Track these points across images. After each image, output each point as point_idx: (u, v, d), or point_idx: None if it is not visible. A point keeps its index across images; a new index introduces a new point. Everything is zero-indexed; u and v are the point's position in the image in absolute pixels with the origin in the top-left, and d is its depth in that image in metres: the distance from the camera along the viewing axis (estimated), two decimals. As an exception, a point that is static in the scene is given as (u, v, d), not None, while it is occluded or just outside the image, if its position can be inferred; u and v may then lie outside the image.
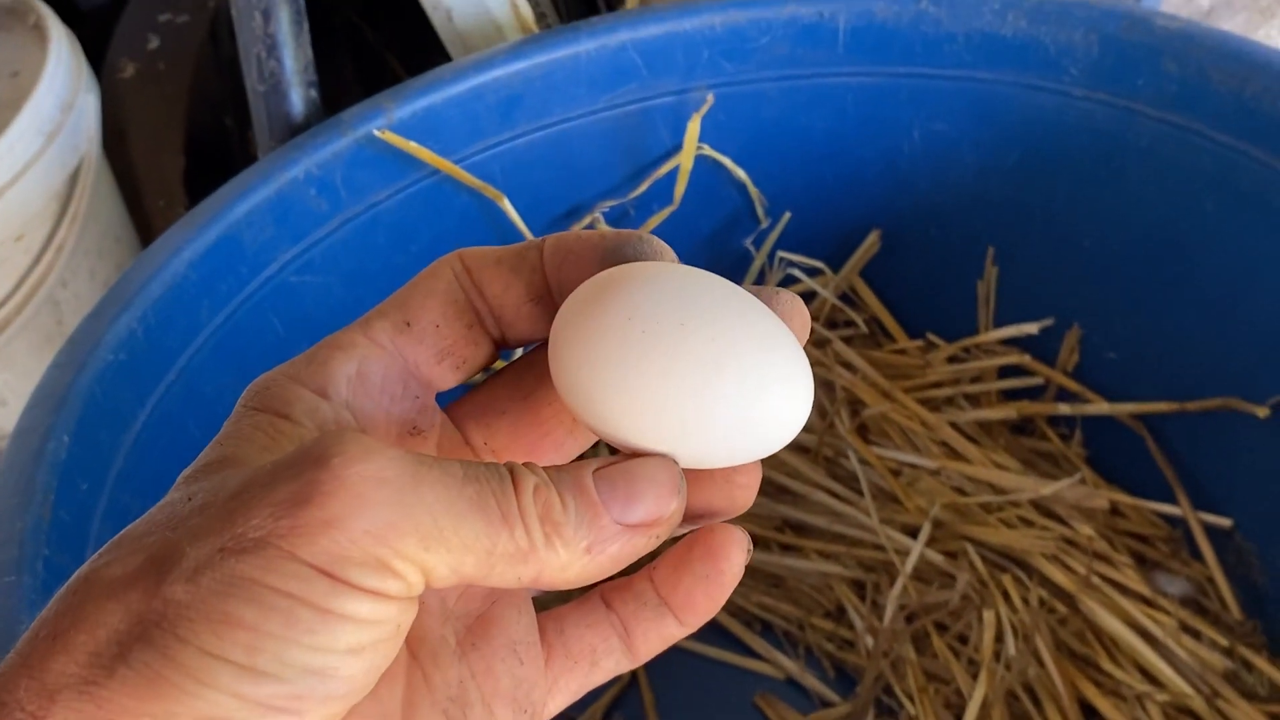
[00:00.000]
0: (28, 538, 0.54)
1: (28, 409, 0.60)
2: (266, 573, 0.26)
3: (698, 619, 0.32)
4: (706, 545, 0.31)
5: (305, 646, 0.26)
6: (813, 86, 0.80)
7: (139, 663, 0.25)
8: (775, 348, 0.30)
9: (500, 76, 0.76)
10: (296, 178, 0.72)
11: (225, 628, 0.25)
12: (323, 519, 0.26)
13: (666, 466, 0.29)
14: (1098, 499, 0.82)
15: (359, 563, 0.26)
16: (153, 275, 0.65)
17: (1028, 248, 0.83)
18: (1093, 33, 0.74)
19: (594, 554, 0.28)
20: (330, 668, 0.26)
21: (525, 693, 0.31)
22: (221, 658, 0.25)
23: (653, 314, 0.29)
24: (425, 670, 0.30)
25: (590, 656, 0.33)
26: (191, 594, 0.26)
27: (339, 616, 0.26)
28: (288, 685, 0.26)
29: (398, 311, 0.32)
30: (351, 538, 0.26)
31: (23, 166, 0.82)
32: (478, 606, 0.32)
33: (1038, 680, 0.76)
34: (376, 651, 0.27)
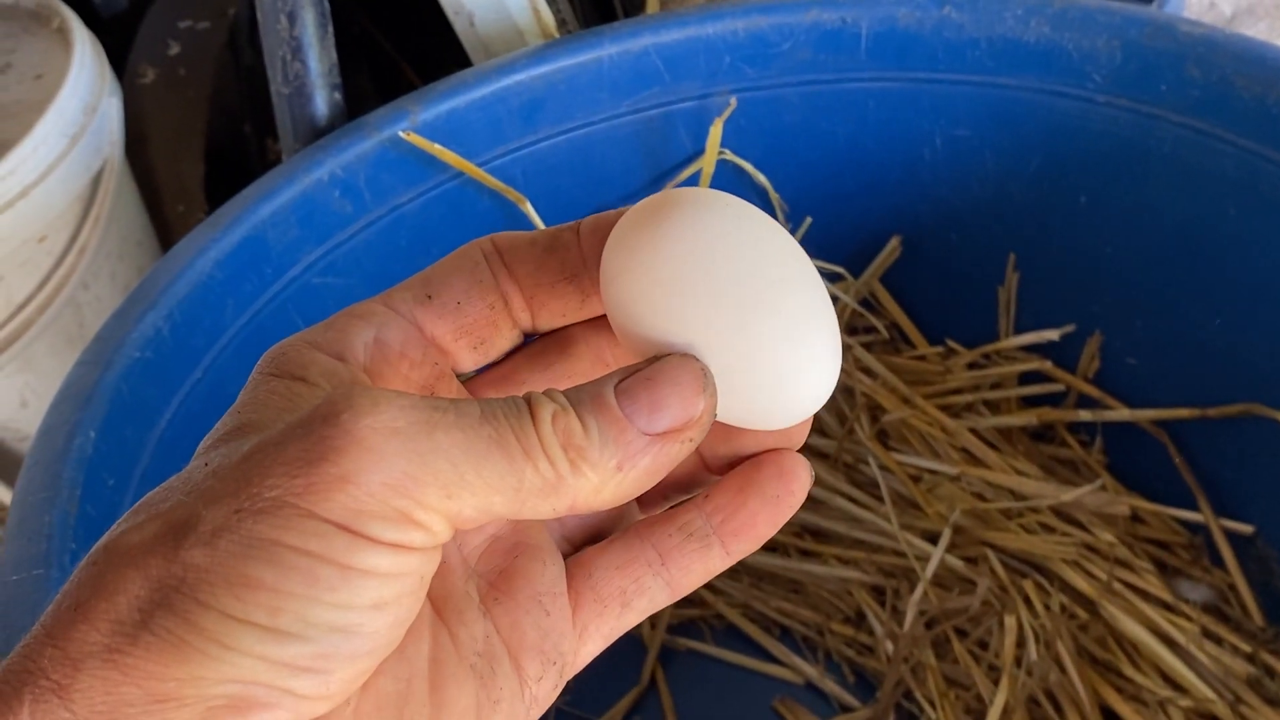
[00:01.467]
0: (55, 532, 0.54)
1: (54, 405, 0.60)
2: (285, 532, 0.25)
3: (749, 546, 0.32)
4: (777, 466, 0.31)
5: (328, 604, 0.25)
6: (834, 92, 0.80)
7: (161, 629, 0.25)
8: (821, 311, 0.30)
9: (523, 80, 0.77)
10: (321, 179, 0.72)
11: (246, 590, 0.25)
12: (337, 475, 0.26)
13: (688, 364, 0.29)
14: (1119, 505, 0.82)
15: (378, 516, 0.26)
16: (179, 274, 0.65)
17: (1049, 254, 0.83)
18: (1115, 39, 0.74)
19: (626, 470, 0.28)
20: (354, 624, 0.26)
21: (553, 644, 0.31)
22: (244, 620, 0.25)
23: (709, 247, 0.29)
24: (451, 627, 0.30)
25: (620, 599, 0.32)
26: (210, 557, 0.25)
27: (360, 572, 0.26)
28: (312, 645, 0.25)
29: (421, 285, 0.32)
30: (369, 491, 0.26)
31: (47, 168, 0.82)
32: (501, 561, 0.32)
33: (1059, 686, 0.76)
34: (400, 605, 0.27)
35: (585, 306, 0.32)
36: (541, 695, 0.31)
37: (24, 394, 0.86)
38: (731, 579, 0.87)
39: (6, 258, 0.81)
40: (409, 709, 0.29)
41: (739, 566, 0.87)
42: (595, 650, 0.32)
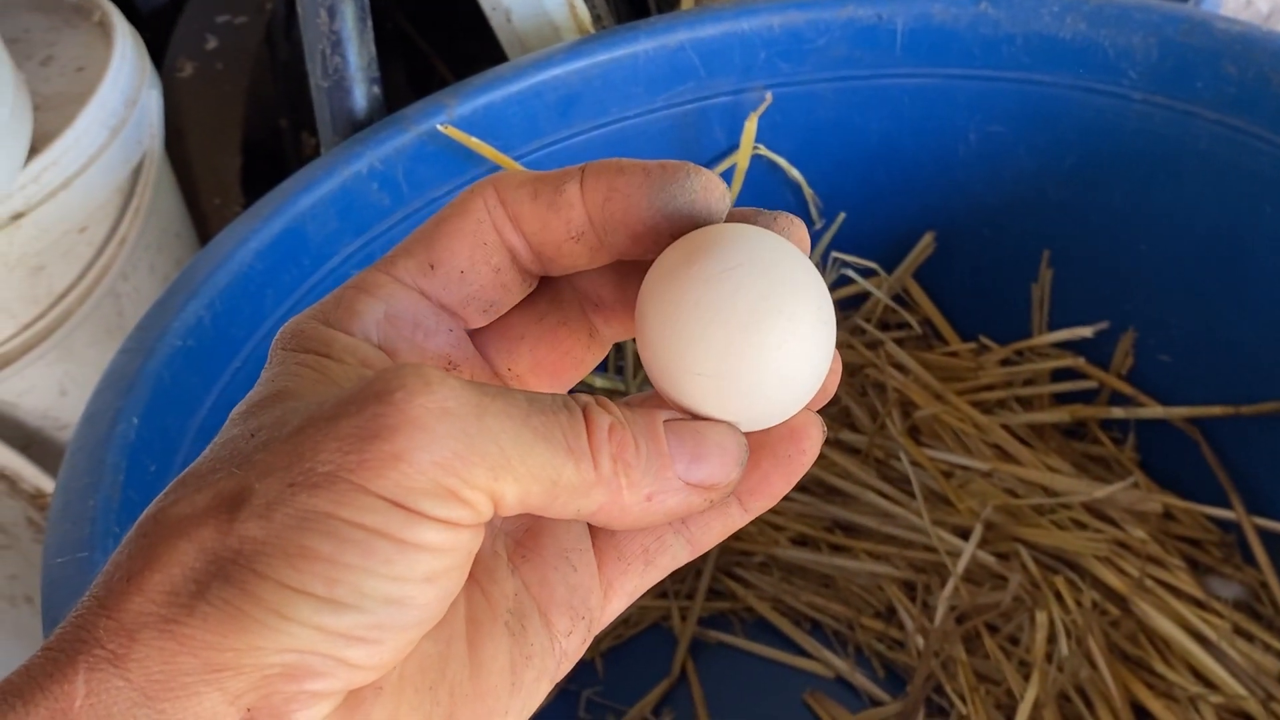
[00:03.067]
0: (99, 515, 0.55)
1: (98, 392, 0.61)
2: (340, 506, 0.26)
3: (765, 503, 0.32)
4: (788, 425, 0.31)
5: (383, 576, 0.26)
6: (869, 88, 0.81)
7: (218, 599, 0.25)
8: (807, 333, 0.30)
9: (559, 75, 0.77)
10: (359, 172, 0.72)
11: (303, 561, 0.25)
12: (390, 453, 0.26)
13: (734, 435, 0.30)
14: (1150, 502, 0.82)
15: (429, 493, 0.26)
16: (220, 264, 0.66)
17: (1083, 251, 0.83)
18: (1152, 36, 0.74)
19: (653, 503, 0.29)
20: (407, 596, 0.26)
21: (581, 599, 0.32)
22: (301, 590, 0.25)
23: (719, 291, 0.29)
24: (483, 587, 0.31)
25: (643, 556, 0.33)
26: (266, 529, 0.26)
27: (415, 545, 0.26)
28: (368, 615, 0.26)
29: (423, 251, 0.32)
30: (420, 469, 0.26)
31: (88, 159, 0.83)
32: (526, 520, 0.32)
33: (1090, 682, 0.76)
34: (449, 578, 0.27)
35: (593, 260, 0.32)
36: (570, 650, 0.32)
37: (63, 383, 0.87)
38: (762, 573, 0.88)
39: (48, 248, 0.82)
40: (450, 668, 0.29)
41: (769, 560, 0.88)
42: (620, 607, 0.33)
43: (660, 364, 0.30)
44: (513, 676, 0.30)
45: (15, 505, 0.83)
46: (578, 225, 0.31)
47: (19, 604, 0.86)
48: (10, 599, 0.86)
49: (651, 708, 0.83)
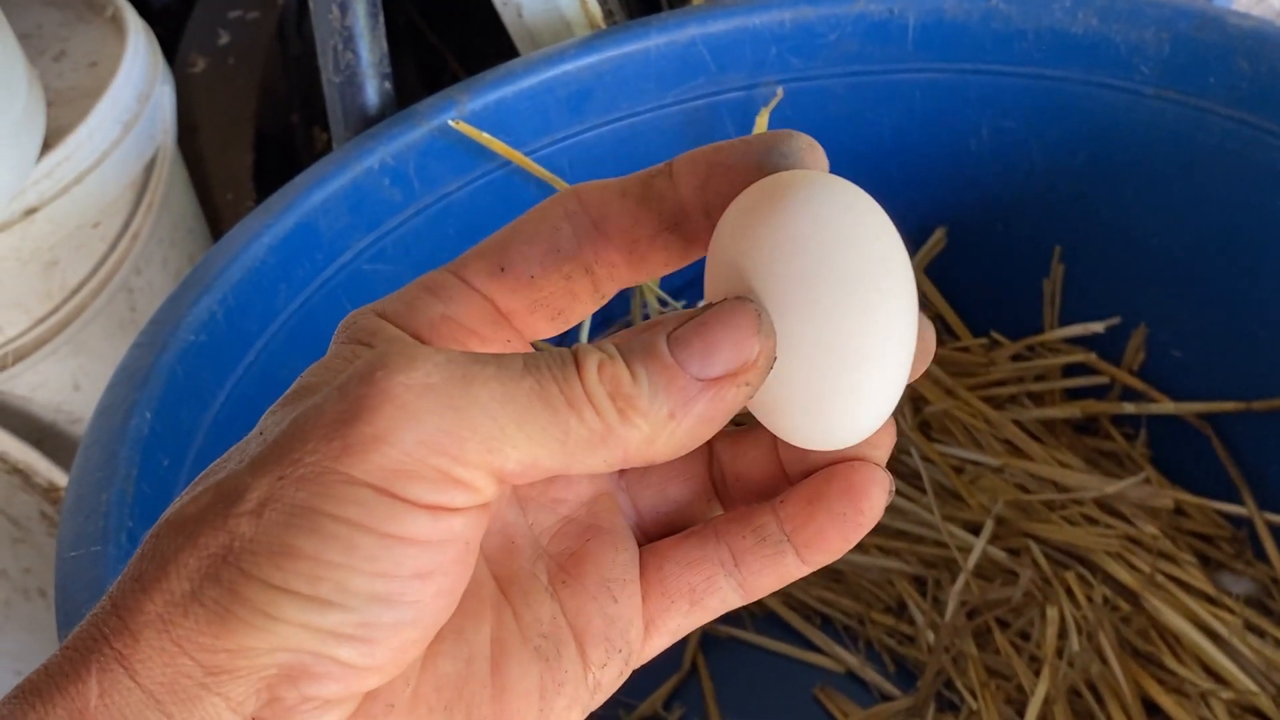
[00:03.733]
0: (112, 509, 0.55)
1: (111, 386, 0.61)
2: (324, 500, 0.25)
3: (824, 558, 0.30)
4: (846, 481, 0.30)
5: (367, 574, 0.25)
6: (881, 83, 0.80)
7: (210, 600, 0.25)
8: (900, 336, 0.28)
9: (570, 71, 0.77)
10: (371, 167, 0.73)
11: (286, 559, 0.25)
12: (371, 435, 0.25)
13: (742, 306, 0.27)
14: (1162, 498, 0.82)
15: (417, 476, 0.25)
16: (233, 259, 0.66)
17: (1094, 246, 0.83)
18: (1164, 31, 0.74)
19: (679, 418, 0.27)
20: (395, 593, 0.26)
21: (619, 631, 0.30)
22: (284, 589, 0.25)
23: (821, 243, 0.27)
24: (516, 608, 0.30)
25: (689, 595, 0.31)
26: (255, 527, 0.25)
27: (400, 540, 0.25)
28: (354, 613, 0.25)
29: (496, 253, 0.31)
30: (404, 450, 0.25)
31: (101, 154, 0.83)
32: (572, 544, 0.31)
33: (1100, 677, 0.76)
34: (445, 574, 0.26)
35: (689, 253, 0.31)
36: (606, 681, 0.30)
37: (77, 377, 0.87)
38: (773, 568, 0.88)
39: (61, 242, 0.82)
40: (469, 689, 0.29)
41: (780, 555, 0.87)
42: (662, 644, 0.32)
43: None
44: (541, 703, 0.29)
45: (29, 499, 0.83)
46: (670, 215, 0.30)
47: (33, 597, 0.86)
48: (24, 592, 0.86)
49: (662, 702, 0.83)
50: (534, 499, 0.32)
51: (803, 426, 0.29)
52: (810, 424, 0.28)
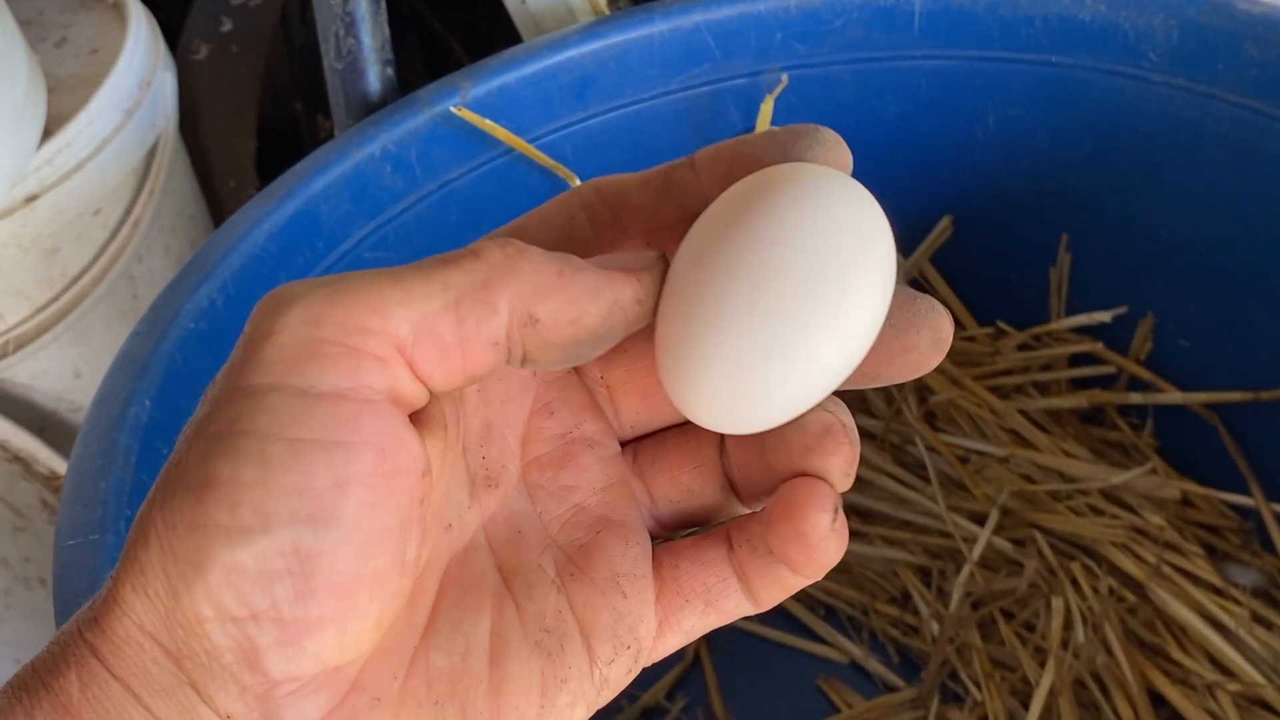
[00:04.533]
0: (110, 498, 0.55)
1: (110, 374, 0.60)
2: (234, 419, 0.25)
3: (808, 573, 0.29)
4: (786, 503, 0.29)
5: (284, 490, 0.25)
6: (886, 70, 0.80)
7: (151, 570, 0.25)
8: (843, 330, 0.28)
9: (574, 57, 0.77)
10: (373, 154, 0.72)
11: (206, 490, 0.25)
12: (264, 333, 0.26)
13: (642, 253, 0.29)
14: (1168, 489, 0.81)
15: (313, 356, 0.25)
16: (233, 246, 0.66)
17: (1102, 235, 0.83)
18: (1173, 17, 0.73)
19: (567, 277, 0.27)
20: (316, 510, 0.25)
21: (628, 628, 0.30)
22: (208, 524, 0.25)
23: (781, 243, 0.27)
24: (518, 600, 0.30)
25: (704, 596, 0.30)
26: (177, 470, 0.25)
27: (310, 443, 0.25)
28: (278, 537, 0.25)
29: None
30: (293, 332, 0.25)
31: (102, 141, 0.83)
32: (583, 535, 0.31)
33: (1106, 669, 0.76)
34: (363, 486, 0.25)
35: None
36: (613, 678, 0.30)
37: (78, 365, 0.87)
38: (777, 558, 0.87)
39: (62, 230, 0.82)
40: (463, 684, 0.28)
41: (784, 545, 0.87)
42: (676, 643, 0.31)
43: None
44: (542, 699, 0.29)
45: (30, 487, 0.83)
46: (691, 207, 0.30)
47: (33, 585, 0.86)
48: (24, 581, 0.86)
49: (665, 693, 0.82)
50: (543, 486, 0.31)
51: (700, 404, 0.28)
52: (707, 403, 0.28)
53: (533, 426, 0.31)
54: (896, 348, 0.29)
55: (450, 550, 0.30)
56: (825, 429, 0.28)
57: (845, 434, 0.28)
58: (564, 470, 0.31)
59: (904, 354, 0.29)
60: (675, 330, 0.28)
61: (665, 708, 0.82)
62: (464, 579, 0.30)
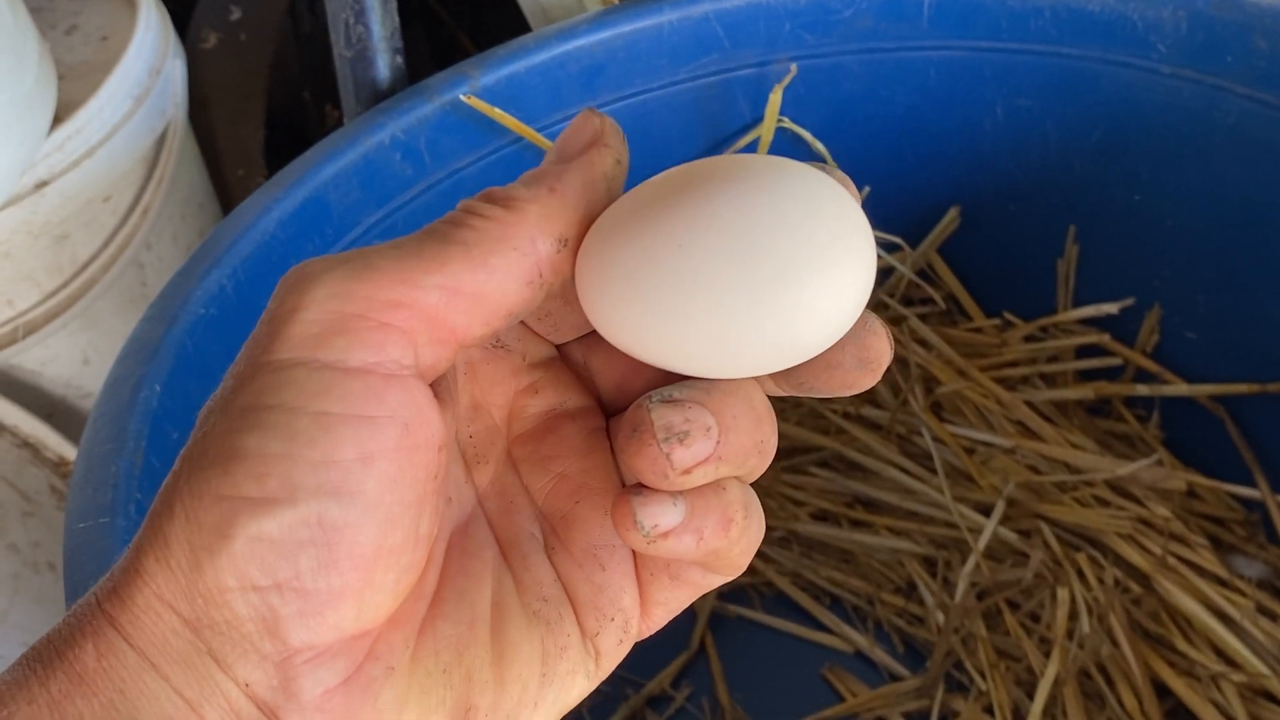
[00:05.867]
0: (121, 481, 0.55)
1: (121, 359, 0.61)
2: (261, 393, 0.25)
3: (722, 572, 0.30)
4: (610, 512, 0.29)
5: (311, 462, 0.25)
6: (895, 60, 0.80)
7: (175, 540, 0.25)
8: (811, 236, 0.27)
9: (583, 46, 0.77)
10: (382, 142, 0.72)
11: (233, 463, 0.25)
12: (289, 309, 0.26)
13: (578, 115, 0.30)
14: (1174, 480, 0.81)
15: (338, 331, 0.26)
16: (242, 233, 0.66)
17: (1109, 226, 0.83)
18: (1181, 9, 0.73)
19: (560, 189, 0.28)
20: (340, 483, 0.25)
21: (610, 599, 0.30)
22: (234, 496, 0.25)
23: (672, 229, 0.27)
24: (516, 572, 0.30)
25: (667, 570, 0.30)
26: (204, 444, 0.26)
27: (337, 417, 0.25)
28: (304, 508, 0.25)
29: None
30: (320, 308, 0.26)
31: (112, 129, 0.83)
32: (565, 504, 0.31)
33: (1111, 659, 0.76)
34: (388, 460, 0.26)
35: None
36: (604, 649, 0.30)
37: (87, 352, 0.87)
38: (782, 547, 0.88)
39: (72, 216, 0.82)
40: (470, 652, 0.29)
41: (790, 535, 0.87)
42: (659, 617, 0.31)
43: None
44: (543, 667, 0.29)
45: (39, 473, 0.83)
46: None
47: (42, 570, 0.86)
48: (34, 565, 0.86)
49: (670, 681, 0.83)
50: (526, 459, 0.32)
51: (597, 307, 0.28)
52: (601, 309, 0.28)
53: (518, 405, 0.32)
54: (821, 362, 0.29)
55: (453, 523, 0.30)
56: (633, 428, 0.27)
57: (651, 435, 0.27)
58: (545, 441, 0.32)
59: (829, 369, 0.29)
60: (609, 245, 0.28)
61: (670, 696, 0.82)
62: (467, 549, 0.30)
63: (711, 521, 0.28)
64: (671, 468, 0.27)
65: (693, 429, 0.27)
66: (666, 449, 0.27)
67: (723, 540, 0.28)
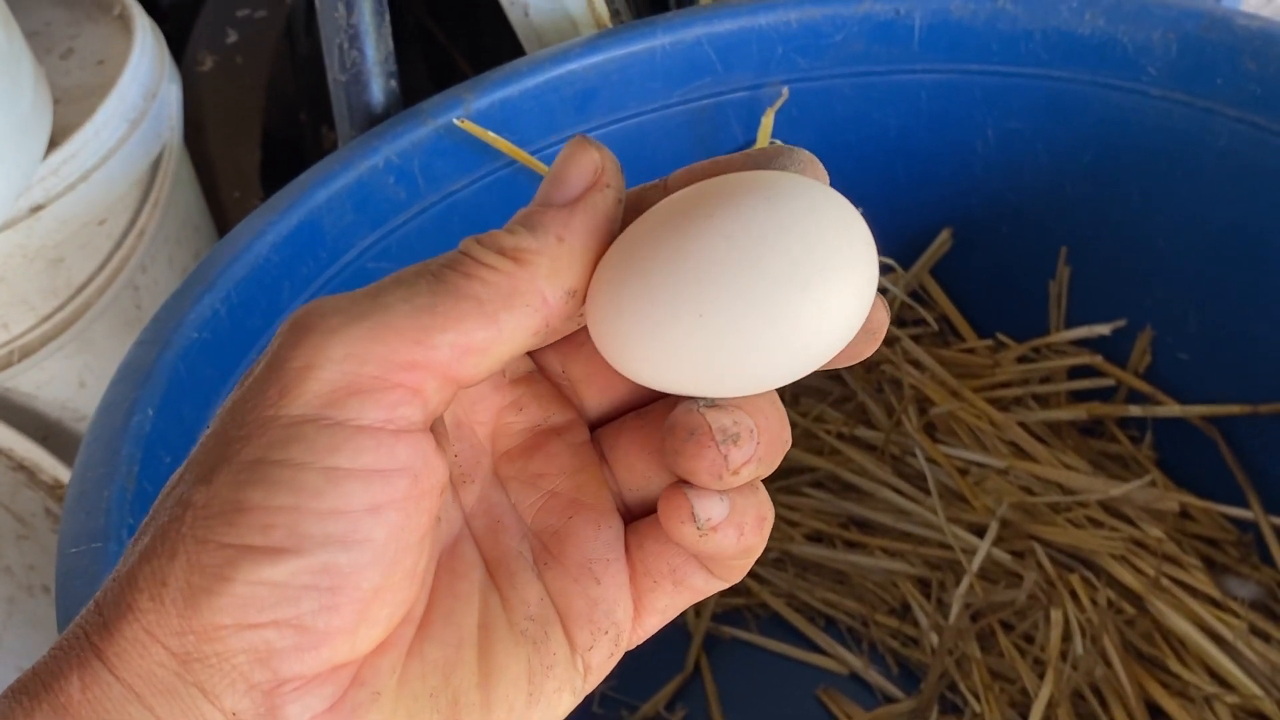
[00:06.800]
0: (113, 506, 0.55)
1: (114, 383, 0.61)
2: (269, 448, 0.26)
3: (724, 575, 0.31)
4: (660, 513, 0.30)
5: (318, 513, 0.26)
6: (887, 83, 0.80)
7: (172, 578, 0.26)
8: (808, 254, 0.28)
9: (576, 70, 0.77)
10: (376, 165, 0.73)
11: (239, 515, 0.25)
12: (302, 366, 0.26)
13: (573, 139, 0.29)
14: (1167, 501, 0.81)
15: (354, 391, 0.26)
16: (236, 257, 0.66)
17: (1101, 248, 0.83)
18: (1171, 32, 0.73)
19: (568, 237, 0.28)
20: (349, 533, 0.26)
21: (604, 613, 0.30)
22: (240, 545, 0.25)
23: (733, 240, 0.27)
24: (503, 591, 0.30)
25: (671, 576, 0.31)
26: (208, 494, 0.26)
27: (346, 472, 0.26)
28: (310, 557, 0.25)
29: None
30: (336, 367, 0.26)
31: (107, 152, 0.83)
32: (556, 520, 0.31)
33: (1104, 680, 0.76)
34: (397, 509, 0.26)
35: None
36: (595, 664, 0.31)
37: (82, 374, 0.87)
38: (776, 569, 0.88)
39: (67, 240, 0.82)
40: (456, 675, 0.29)
41: (784, 556, 0.87)
42: (654, 624, 0.32)
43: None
44: (530, 686, 0.30)
45: (34, 496, 0.84)
46: None
47: (36, 594, 0.86)
48: (28, 589, 0.86)
49: (665, 703, 0.83)
50: (514, 476, 0.32)
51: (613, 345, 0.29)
52: (617, 346, 0.29)
53: (501, 422, 0.32)
54: None
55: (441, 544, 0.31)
56: (689, 432, 0.28)
57: (710, 437, 0.28)
58: (534, 459, 0.32)
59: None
60: (620, 281, 0.28)
61: (665, 718, 0.82)
62: (455, 570, 0.30)
63: (750, 518, 0.29)
64: (727, 468, 0.28)
65: (741, 431, 0.28)
66: (724, 450, 0.28)
67: (758, 536, 0.30)
